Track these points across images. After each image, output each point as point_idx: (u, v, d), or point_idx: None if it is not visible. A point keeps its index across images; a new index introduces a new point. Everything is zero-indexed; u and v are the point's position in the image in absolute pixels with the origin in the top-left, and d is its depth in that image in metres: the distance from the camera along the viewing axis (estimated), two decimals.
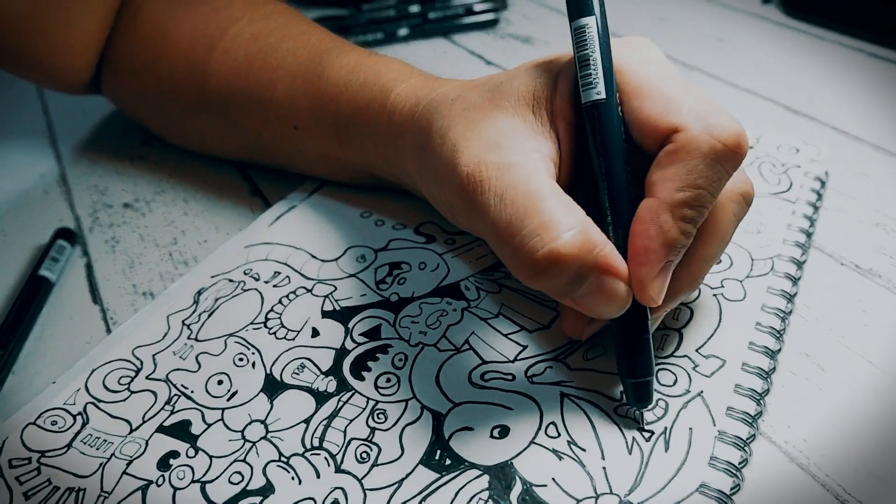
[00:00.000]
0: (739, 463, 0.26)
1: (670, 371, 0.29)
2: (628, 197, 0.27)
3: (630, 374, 0.28)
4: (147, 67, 0.46)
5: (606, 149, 0.27)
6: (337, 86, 0.38)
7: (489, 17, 0.66)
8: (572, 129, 0.29)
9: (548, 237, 0.25)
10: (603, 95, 0.27)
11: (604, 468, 0.26)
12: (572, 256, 0.25)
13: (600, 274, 0.26)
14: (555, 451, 0.27)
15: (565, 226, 0.25)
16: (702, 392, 0.28)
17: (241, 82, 0.42)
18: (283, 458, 0.28)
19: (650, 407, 0.28)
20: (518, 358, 0.31)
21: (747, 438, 0.27)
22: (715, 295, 0.32)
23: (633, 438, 0.27)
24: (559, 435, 0.28)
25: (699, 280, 0.29)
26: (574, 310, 0.29)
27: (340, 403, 0.30)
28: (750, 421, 0.28)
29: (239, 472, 0.28)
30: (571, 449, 0.27)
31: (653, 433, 0.27)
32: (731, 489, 0.26)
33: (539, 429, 0.28)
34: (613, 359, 0.30)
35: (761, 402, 0.28)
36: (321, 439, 0.29)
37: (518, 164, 0.27)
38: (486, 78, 0.32)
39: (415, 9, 0.65)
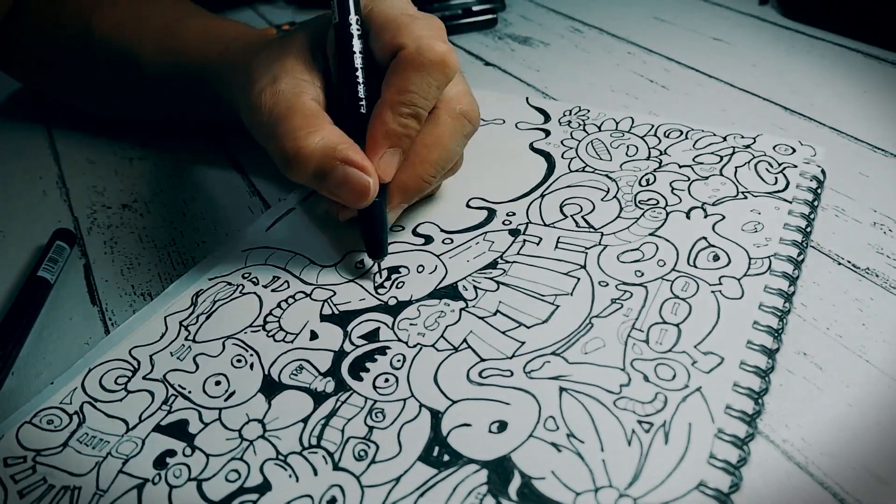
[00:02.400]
0: (738, 461, 0.26)
1: (669, 366, 0.29)
2: (364, 104, 0.36)
3: (365, 232, 0.36)
4: (41, 32, 0.52)
5: (341, 59, 0.36)
6: (190, 40, 0.47)
7: (487, 17, 0.66)
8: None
9: (293, 136, 0.34)
10: (336, 20, 0.36)
11: (603, 460, 0.26)
12: (311, 149, 0.33)
13: (343, 165, 0.33)
14: (553, 444, 0.27)
15: (309, 129, 0.34)
16: (700, 388, 0.28)
17: (117, 43, 0.49)
18: (280, 457, 0.28)
19: (383, 259, 0.36)
20: (516, 354, 0.31)
21: (745, 437, 0.27)
22: (713, 292, 0.32)
23: (633, 430, 0.27)
24: (558, 428, 0.28)
25: (428, 181, 0.37)
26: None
27: (338, 403, 0.30)
28: (748, 420, 0.28)
29: (236, 471, 0.28)
30: (570, 441, 0.27)
31: (652, 425, 0.27)
32: (730, 488, 0.26)
33: (537, 422, 0.28)
34: (611, 352, 0.31)
35: (759, 400, 0.28)
36: (319, 438, 0.29)
37: (286, 90, 0.35)
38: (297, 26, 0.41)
39: None
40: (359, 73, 0.36)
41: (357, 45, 0.36)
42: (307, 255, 0.38)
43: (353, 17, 0.36)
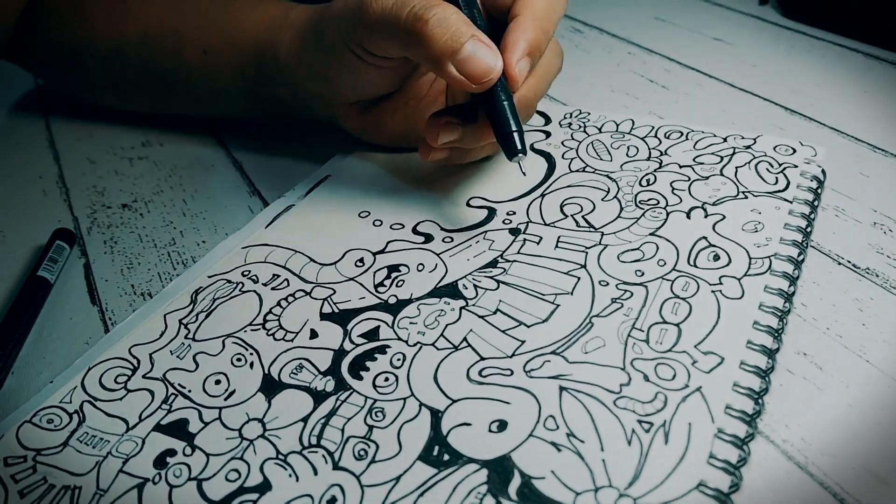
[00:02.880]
0: (738, 461, 0.26)
1: (669, 365, 0.29)
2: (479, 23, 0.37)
3: (497, 128, 0.35)
4: (65, 23, 0.51)
5: None
6: (242, 12, 0.46)
7: None
8: None
9: (431, 3, 0.34)
10: None
11: (603, 460, 0.26)
12: (451, 13, 0.34)
13: (475, 39, 0.34)
14: (553, 444, 0.27)
15: (442, 6, 0.34)
16: (700, 387, 0.28)
17: (156, 22, 0.49)
18: (280, 456, 0.28)
19: (521, 158, 0.35)
20: (516, 353, 0.31)
21: (745, 437, 0.27)
22: (713, 292, 0.32)
23: (633, 430, 0.27)
24: (558, 427, 0.28)
25: (533, 102, 0.38)
26: (432, 120, 0.37)
27: (338, 402, 0.30)
28: (748, 420, 0.28)
29: (236, 470, 0.28)
30: (570, 441, 0.27)
31: (652, 424, 0.27)
32: (730, 488, 0.26)
33: (537, 422, 0.28)
34: (612, 351, 0.30)
35: (759, 400, 0.28)
36: (319, 437, 0.29)
37: None
38: None
39: None
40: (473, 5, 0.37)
41: None
42: (307, 253, 0.38)
43: None
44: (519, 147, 0.35)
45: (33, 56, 0.55)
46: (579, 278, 0.34)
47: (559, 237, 0.37)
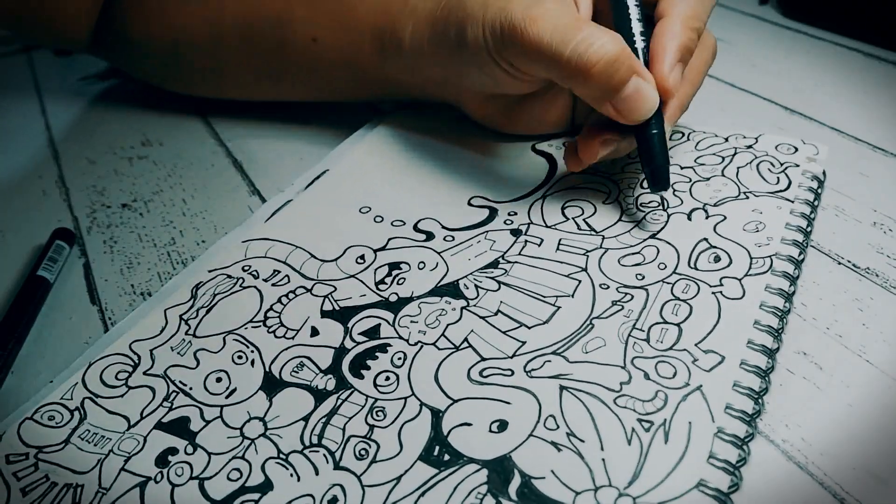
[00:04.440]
0: (738, 461, 0.26)
1: (669, 364, 0.29)
2: (645, 32, 0.36)
3: (648, 162, 0.35)
4: (156, 14, 0.49)
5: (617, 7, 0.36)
6: None
7: None
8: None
9: (595, 43, 0.32)
10: None
11: (602, 459, 0.26)
12: (614, 56, 0.32)
13: (635, 77, 0.33)
14: (553, 443, 0.27)
15: (605, 36, 0.33)
16: (701, 386, 0.28)
17: (256, 9, 0.46)
18: (281, 455, 0.28)
19: (665, 191, 0.36)
20: (517, 353, 0.31)
21: (745, 437, 0.27)
22: (714, 293, 0.32)
23: (633, 429, 0.27)
24: (558, 427, 0.28)
25: (688, 102, 0.38)
26: (588, 133, 0.37)
27: (339, 401, 0.30)
28: (748, 419, 0.28)
29: (238, 469, 0.28)
30: (570, 440, 0.27)
31: (652, 423, 0.27)
32: (730, 487, 0.26)
33: (538, 422, 0.28)
34: (612, 350, 0.31)
35: (759, 400, 0.28)
36: (320, 437, 0.29)
37: (557, 7, 0.34)
38: None
39: None
40: (633, 9, 0.36)
41: None
42: (307, 249, 0.38)
43: None
44: (663, 182, 0.35)
45: (120, 50, 0.53)
46: (580, 281, 0.34)
47: (560, 240, 0.37)
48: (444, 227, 0.39)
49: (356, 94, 0.48)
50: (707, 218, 0.37)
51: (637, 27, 0.36)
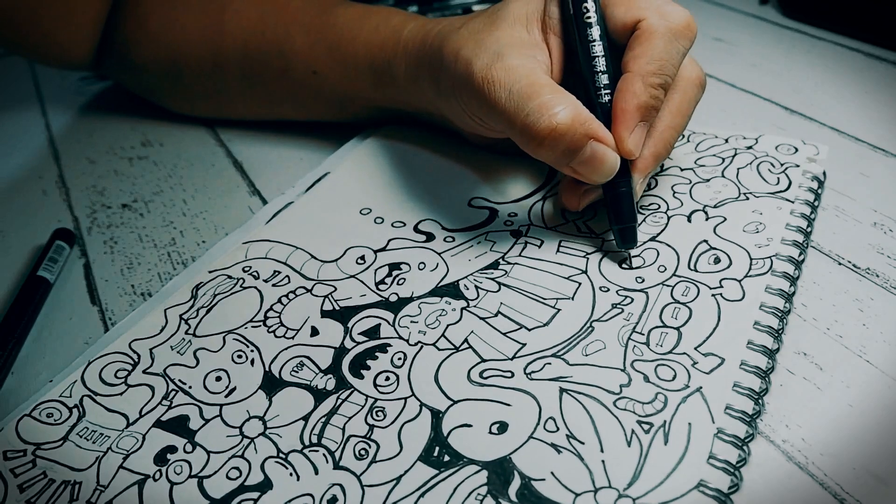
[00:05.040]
0: (738, 462, 0.26)
1: (669, 367, 0.29)
2: (611, 83, 0.35)
3: (617, 221, 0.35)
4: (157, 38, 0.49)
5: (594, 48, 0.35)
6: (351, 31, 0.44)
7: None
8: (560, 41, 0.36)
9: (546, 113, 0.32)
10: (598, 9, 0.35)
11: (602, 461, 0.26)
12: (566, 125, 0.32)
13: (592, 141, 0.32)
14: (553, 445, 0.27)
15: (560, 104, 0.32)
16: (700, 388, 0.28)
17: (257, 38, 0.47)
18: (281, 455, 0.28)
19: (635, 250, 0.35)
20: (517, 355, 0.31)
21: (745, 437, 0.27)
22: (714, 295, 0.32)
23: (633, 431, 0.27)
24: (558, 429, 0.28)
25: (670, 145, 0.36)
26: (570, 184, 0.37)
27: (339, 401, 0.30)
28: (748, 420, 0.28)
29: (237, 468, 0.28)
30: (570, 442, 0.27)
31: (652, 425, 0.27)
32: (730, 488, 0.26)
33: (538, 424, 0.28)
34: (612, 353, 0.31)
35: (760, 401, 0.28)
36: (319, 436, 0.29)
37: (519, 66, 0.34)
38: (484, 9, 0.38)
39: (413, 9, 0.65)
40: (599, 61, 0.35)
41: (596, 32, 0.35)
42: (307, 250, 0.38)
43: (590, 4, 0.35)
44: (630, 241, 0.35)
45: (122, 71, 0.54)
46: (580, 284, 0.34)
47: (560, 242, 0.37)
48: (444, 228, 0.39)
49: (357, 118, 0.49)
50: (707, 219, 0.37)
51: (602, 80, 0.35)
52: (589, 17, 0.35)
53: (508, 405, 0.29)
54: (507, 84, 0.33)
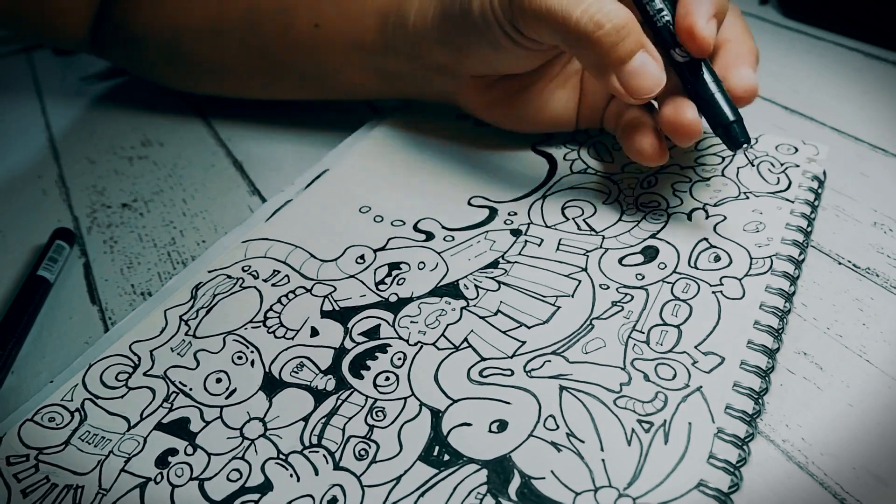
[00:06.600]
0: (738, 461, 0.26)
1: (669, 366, 0.29)
2: (666, 6, 0.33)
3: (722, 117, 0.33)
4: (155, 8, 0.48)
5: None
6: None
7: None
8: None
9: (604, 6, 0.31)
10: None
11: (602, 460, 0.26)
12: (625, 20, 0.31)
13: (644, 52, 0.32)
14: (553, 444, 0.27)
15: (616, 4, 0.31)
16: (700, 387, 0.28)
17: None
18: (281, 456, 0.28)
19: (748, 146, 0.33)
20: (517, 353, 0.31)
21: (746, 437, 0.27)
22: (714, 293, 0.32)
23: (633, 430, 0.27)
24: (558, 427, 0.28)
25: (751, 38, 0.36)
26: (655, 134, 0.35)
27: (339, 402, 0.30)
28: (748, 419, 0.28)
29: (237, 470, 0.28)
30: (570, 441, 0.27)
31: (652, 424, 0.27)
32: (730, 488, 0.26)
33: (537, 422, 0.28)
34: (612, 352, 0.31)
35: (760, 400, 0.28)
36: (320, 437, 0.29)
37: None
38: None
39: None
40: None
41: None
42: (307, 249, 0.38)
43: None
44: (741, 138, 0.33)
45: (120, 46, 0.52)
46: (580, 281, 0.34)
47: (560, 240, 0.37)
48: (443, 227, 0.39)
49: (355, 89, 0.47)
50: (707, 218, 0.37)
51: (659, 3, 0.34)
52: None
53: (508, 403, 0.29)
54: None
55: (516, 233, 0.38)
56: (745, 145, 0.33)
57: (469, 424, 0.28)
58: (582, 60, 0.34)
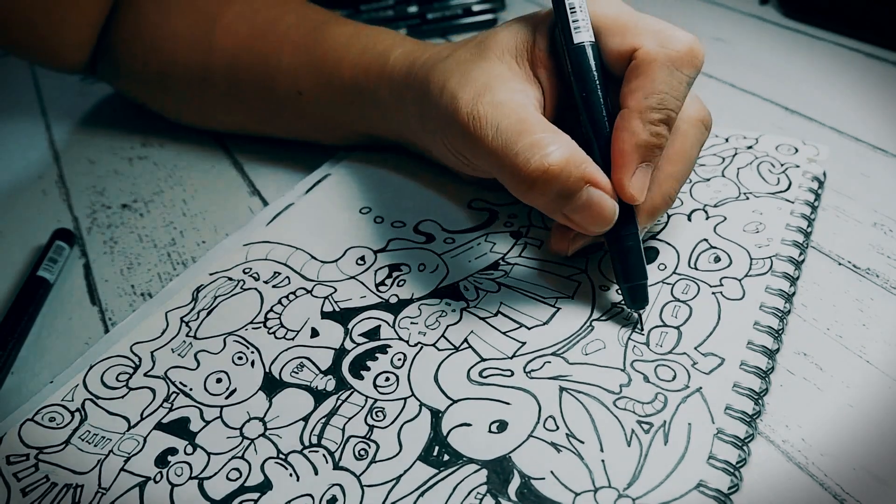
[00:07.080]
0: (738, 462, 0.26)
1: (669, 367, 0.29)
2: (607, 122, 0.31)
3: (625, 279, 0.31)
4: (149, 46, 0.49)
5: (589, 82, 0.31)
6: (338, 52, 0.42)
7: (487, 17, 0.66)
8: (552, 75, 0.33)
9: (538, 153, 0.29)
10: (592, 38, 0.32)
11: (602, 461, 0.26)
12: (560, 167, 0.29)
13: (588, 186, 0.29)
14: (553, 444, 0.27)
15: (553, 144, 0.29)
16: (700, 388, 0.28)
17: (246, 55, 0.46)
18: (281, 455, 0.28)
19: (645, 309, 0.32)
20: (517, 354, 0.31)
21: (745, 437, 0.27)
22: (714, 294, 0.32)
23: (633, 431, 0.27)
24: (557, 428, 0.28)
25: (672, 197, 0.32)
26: (560, 226, 0.34)
27: (339, 402, 0.30)
28: (748, 420, 0.28)
29: (237, 469, 0.28)
30: (570, 441, 0.27)
31: (652, 425, 0.27)
32: (730, 488, 0.26)
33: (537, 422, 0.28)
34: (612, 353, 0.31)
35: (760, 401, 0.28)
36: (319, 437, 0.29)
37: (508, 100, 0.31)
38: (472, 37, 0.36)
39: (413, 9, 0.65)
40: (599, 91, 0.31)
41: (592, 61, 0.31)
42: (307, 251, 0.38)
43: (585, 36, 0.31)
44: (641, 301, 0.31)
45: (116, 78, 0.53)
46: (580, 283, 0.34)
47: None
48: (444, 230, 0.39)
49: (341, 143, 0.47)
50: (707, 219, 0.37)
51: (604, 110, 0.31)
52: (585, 48, 0.31)
53: (508, 404, 0.29)
54: (495, 120, 0.30)
55: (516, 235, 0.38)
56: (640, 309, 0.32)
57: (469, 425, 0.28)
58: (524, 202, 0.31)
